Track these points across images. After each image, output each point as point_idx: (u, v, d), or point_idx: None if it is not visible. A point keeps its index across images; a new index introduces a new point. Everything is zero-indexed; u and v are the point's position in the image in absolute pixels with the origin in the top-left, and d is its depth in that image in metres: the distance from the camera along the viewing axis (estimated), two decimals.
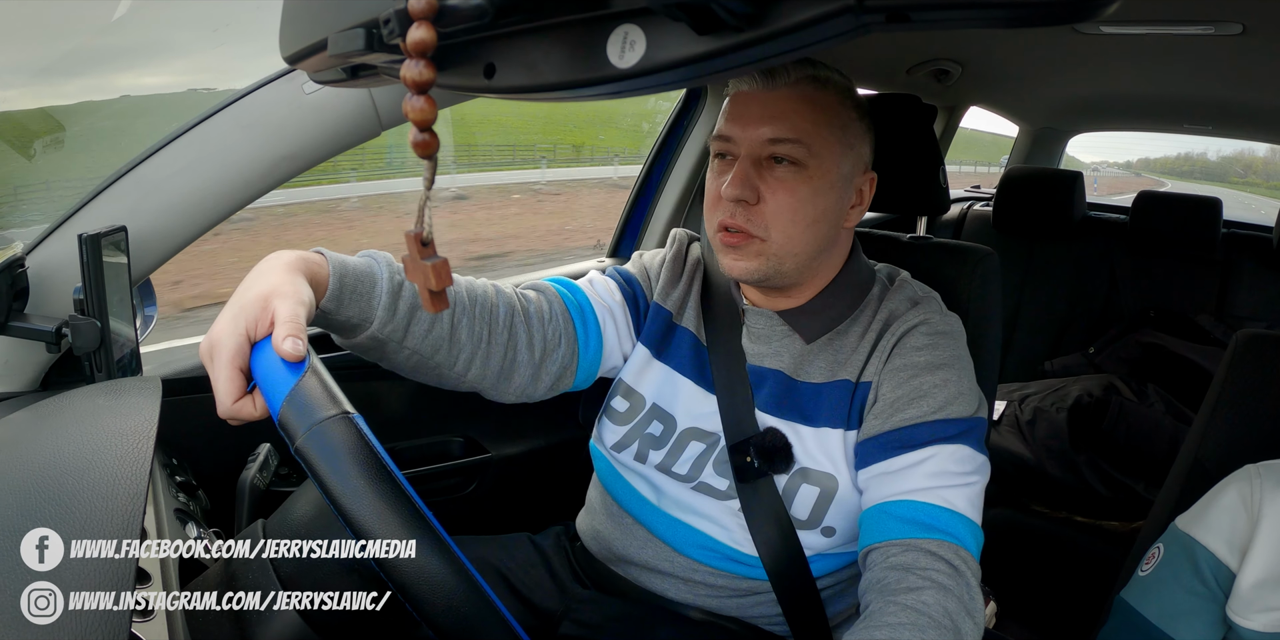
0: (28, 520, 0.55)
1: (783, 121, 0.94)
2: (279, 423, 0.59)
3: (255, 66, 1.08)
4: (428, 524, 0.56)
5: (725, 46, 0.39)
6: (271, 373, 0.64)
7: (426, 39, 0.41)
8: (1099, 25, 1.47)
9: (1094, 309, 2.55)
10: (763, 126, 0.94)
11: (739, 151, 0.96)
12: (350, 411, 0.59)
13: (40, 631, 0.47)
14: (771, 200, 0.94)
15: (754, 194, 0.94)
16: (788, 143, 0.93)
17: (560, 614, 1.08)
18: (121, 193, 1.06)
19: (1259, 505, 1.00)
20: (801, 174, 0.94)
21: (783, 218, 0.95)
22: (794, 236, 0.96)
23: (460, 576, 0.56)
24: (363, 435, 0.58)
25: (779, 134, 0.93)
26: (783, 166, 0.94)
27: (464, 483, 1.59)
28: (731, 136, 0.96)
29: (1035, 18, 0.34)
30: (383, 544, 0.54)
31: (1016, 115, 2.96)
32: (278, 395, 0.61)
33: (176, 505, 0.85)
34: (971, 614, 0.81)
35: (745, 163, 0.95)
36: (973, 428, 0.93)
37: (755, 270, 0.97)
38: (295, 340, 0.66)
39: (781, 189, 0.94)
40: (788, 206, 0.94)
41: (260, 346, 0.68)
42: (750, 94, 0.96)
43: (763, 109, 0.95)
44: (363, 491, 0.55)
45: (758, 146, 0.95)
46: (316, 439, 0.57)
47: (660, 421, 1.07)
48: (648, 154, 2.01)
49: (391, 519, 0.54)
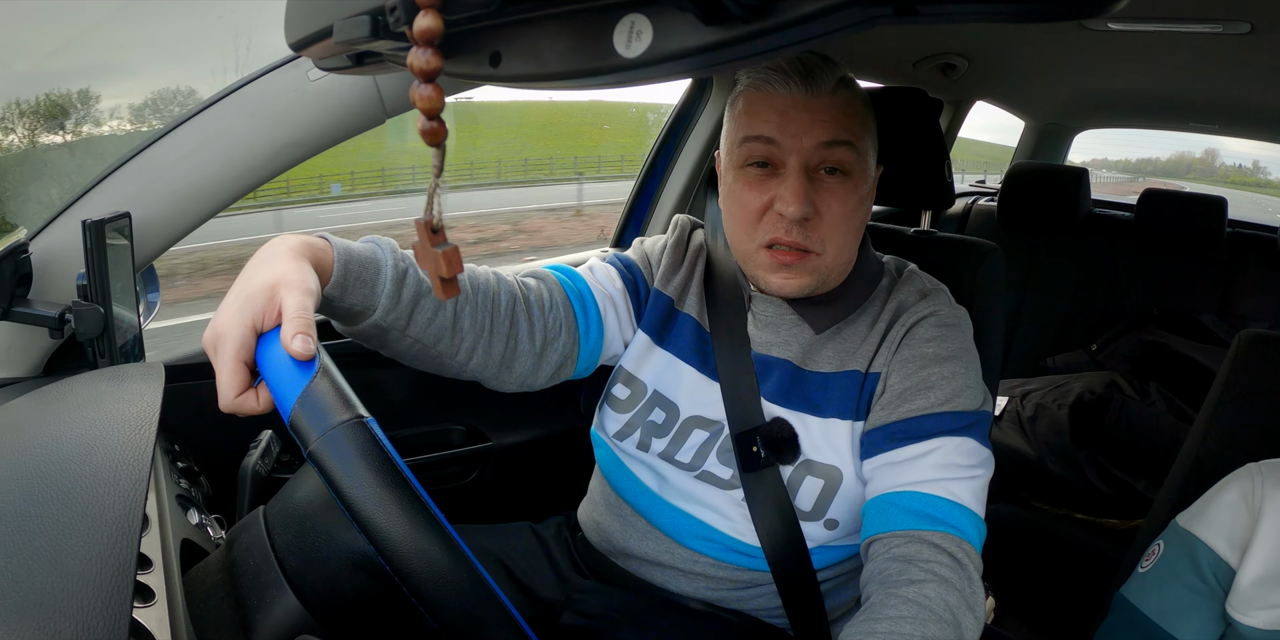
0: (30, 505, 0.55)
1: (834, 124, 0.92)
2: (290, 425, 0.59)
3: (208, 85, 1.08)
4: (443, 530, 0.56)
5: (732, 37, 0.38)
6: (281, 371, 0.63)
7: (433, 26, 0.41)
8: (1107, 21, 1.47)
9: (1097, 306, 2.54)
10: (814, 129, 0.91)
11: (785, 159, 0.93)
12: (364, 416, 0.59)
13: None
14: (827, 214, 0.93)
15: (814, 210, 0.93)
16: (841, 146, 0.92)
17: (561, 604, 1.09)
18: (125, 179, 1.06)
19: (1260, 503, 1.01)
20: (848, 183, 0.93)
21: (838, 231, 0.94)
22: (845, 247, 0.96)
23: (468, 573, 0.56)
24: (377, 441, 0.58)
25: (833, 136, 0.91)
26: (834, 177, 0.93)
27: (465, 471, 1.59)
28: (778, 140, 0.93)
29: (1044, 13, 0.34)
30: (397, 550, 0.55)
31: (1023, 111, 2.95)
32: (289, 396, 0.60)
33: (178, 491, 0.85)
34: (973, 608, 0.81)
35: (801, 176, 0.92)
36: (978, 421, 0.93)
37: (807, 286, 0.97)
38: (305, 338, 0.64)
39: (835, 201, 0.93)
40: (841, 218, 0.94)
41: (267, 339, 0.67)
42: (792, 100, 0.93)
43: (810, 113, 0.92)
44: (379, 498, 0.55)
45: (810, 153, 0.92)
46: (331, 444, 0.57)
47: (662, 409, 1.06)
48: (652, 144, 2.01)
49: (407, 526, 0.55)
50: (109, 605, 0.46)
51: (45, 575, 0.48)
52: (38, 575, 0.48)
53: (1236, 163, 27.23)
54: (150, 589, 0.58)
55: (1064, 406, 2.06)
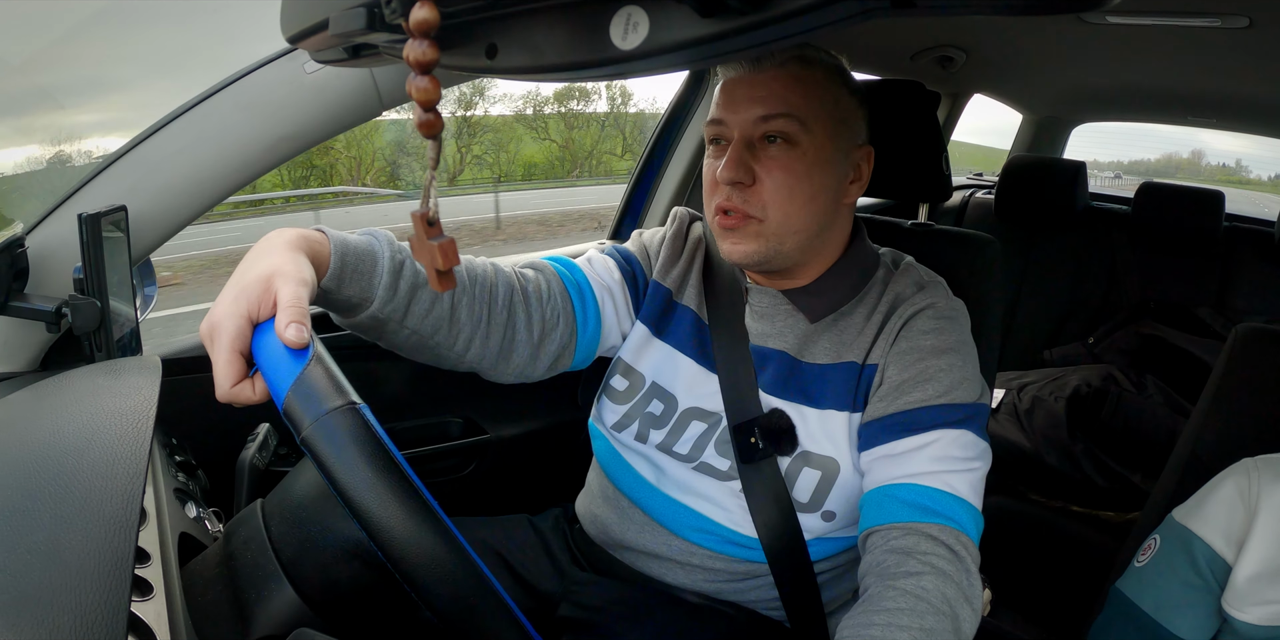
0: (28, 500, 0.55)
1: (771, 100, 0.93)
2: (284, 412, 0.59)
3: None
4: (435, 516, 0.56)
5: (729, 29, 0.38)
6: (275, 359, 0.63)
7: (429, 18, 0.41)
8: (1105, 15, 1.46)
9: (1094, 299, 2.54)
10: (754, 106, 0.94)
11: (732, 135, 0.96)
12: (357, 402, 0.59)
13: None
14: (768, 180, 0.94)
15: (749, 175, 0.94)
16: (779, 118, 0.93)
17: (559, 596, 1.09)
18: (121, 172, 1.05)
19: (1256, 499, 1.01)
20: (795, 151, 0.94)
21: (780, 196, 0.94)
22: (792, 214, 0.95)
23: (464, 564, 0.56)
24: (369, 426, 0.58)
25: (770, 111, 0.93)
26: (776, 145, 0.94)
27: (462, 463, 1.59)
28: (723, 119, 0.96)
29: (1043, 6, 0.34)
30: (390, 535, 0.55)
31: (1020, 104, 2.95)
32: (282, 383, 0.60)
33: (176, 485, 0.85)
34: (970, 600, 0.81)
35: (739, 145, 0.94)
36: (976, 413, 0.94)
37: (755, 252, 0.97)
38: (299, 326, 0.64)
39: (776, 167, 0.94)
40: (784, 184, 0.94)
41: (262, 329, 0.67)
42: (738, 79, 0.96)
43: (751, 90, 0.94)
44: (371, 483, 0.55)
45: (750, 127, 0.94)
46: (323, 430, 0.57)
47: (660, 400, 1.07)
48: (649, 137, 2.00)
49: (399, 511, 0.55)
50: (107, 599, 0.46)
51: (43, 569, 0.48)
52: (36, 569, 0.48)
53: (1221, 162, 27.94)
54: (148, 583, 0.58)
55: (1061, 399, 2.06)
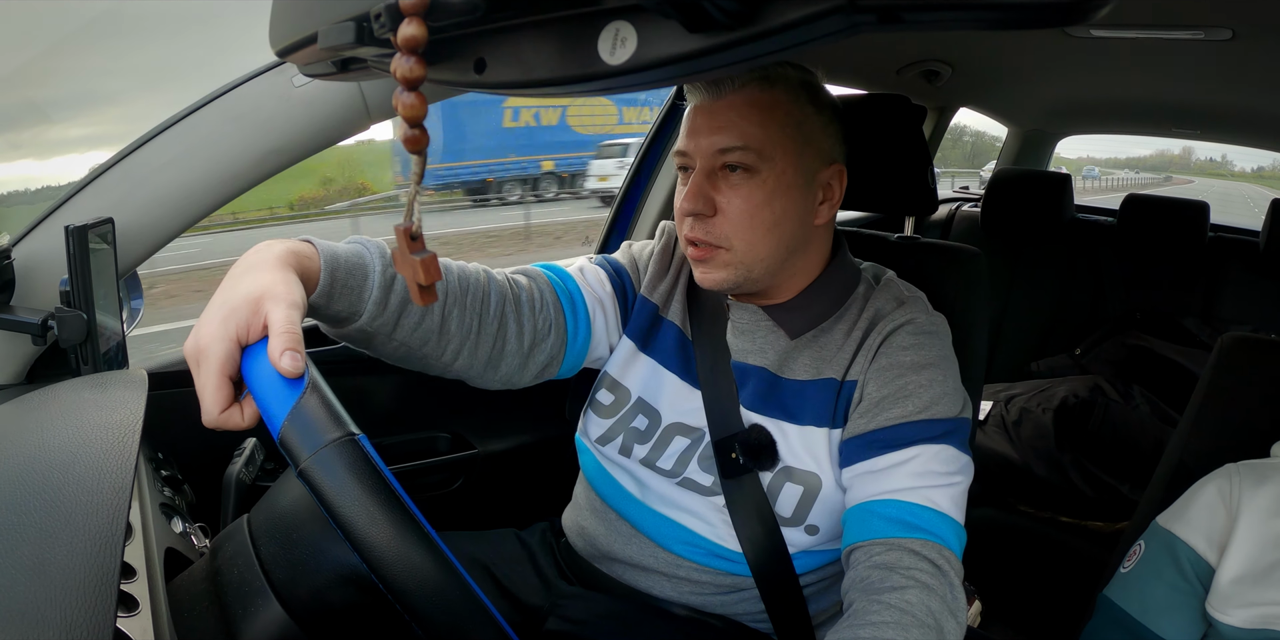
0: (13, 514, 0.54)
1: (729, 131, 0.93)
2: (280, 442, 0.58)
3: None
4: (439, 550, 0.57)
5: (716, 44, 0.39)
6: (268, 387, 0.62)
7: (417, 34, 0.41)
8: (1089, 29, 1.48)
9: (1081, 311, 2.56)
10: (712, 136, 0.94)
11: (694, 164, 0.96)
12: (355, 432, 0.58)
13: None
14: (729, 208, 0.94)
15: (710, 206, 0.94)
16: (736, 151, 0.93)
17: (546, 610, 1.08)
18: (109, 185, 1.05)
19: (1238, 502, 1.02)
20: (755, 179, 0.94)
21: (742, 225, 0.95)
22: (755, 242, 0.95)
23: (463, 592, 0.57)
24: (369, 459, 0.57)
25: (726, 143, 0.93)
26: (736, 174, 0.94)
27: (450, 478, 1.58)
28: (686, 151, 0.97)
29: (1027, 21, 0.34)
30: (394, 570, 0.55)
31: (1005, 117, 2.97)
32: (278, 412, 0.60)
33: (162, 499, 0.84)
34: (954, 613, 0.81)
35: (699, 176, 0.95)
36: (957, 428, 0.94)
37: (725, 280, 0.97)
38: (294, 355, 0.63)
39: (736, 196, 0.94)
40: (744, 213, 0.94)
41: (252, 353, 0.65)
42: (699, 106, 0.96)
43: (710, 120, 0.95)
44: (373, 518, 0.55)
45: (709, 158, 0.95)
46: (322, 463, 0.56)
47: (645, 416, 1.07)
48: (637, 151, 2.01)
49: (403, 546, 0.55)
50: (92, 615, 0.46)
51: (28, 585, 0.47)
52: (20, 585, 0.47)
53: (1208, 156, 29.66)
54: (134, 598, 0.57)
55: (1048, 410, 2.07)
